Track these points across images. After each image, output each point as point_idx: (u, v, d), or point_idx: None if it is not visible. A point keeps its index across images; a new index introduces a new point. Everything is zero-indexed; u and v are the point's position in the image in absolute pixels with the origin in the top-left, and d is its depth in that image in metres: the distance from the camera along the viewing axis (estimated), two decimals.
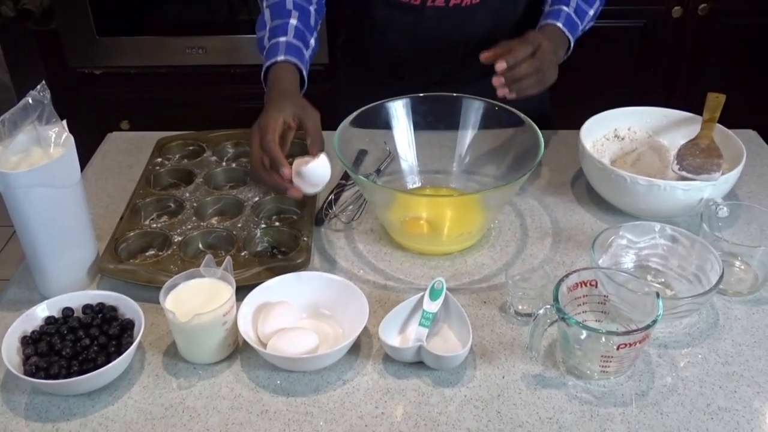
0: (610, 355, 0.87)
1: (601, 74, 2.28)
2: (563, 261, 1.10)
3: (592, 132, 1.25)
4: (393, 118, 1.22)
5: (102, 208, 1.23)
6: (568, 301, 0.92)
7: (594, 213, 1.20)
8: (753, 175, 1.29)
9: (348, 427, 0.84)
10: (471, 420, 0.85)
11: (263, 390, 0.89)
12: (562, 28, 1.25)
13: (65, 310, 0.95)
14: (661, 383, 0.90)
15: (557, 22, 1.25)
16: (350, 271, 1.09)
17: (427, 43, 1.34)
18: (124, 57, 2.28)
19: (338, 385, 0.90)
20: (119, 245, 1.08)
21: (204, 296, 0.92)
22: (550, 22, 1.25)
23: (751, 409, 0.86)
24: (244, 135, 1.35)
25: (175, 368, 0.93)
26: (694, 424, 0.84)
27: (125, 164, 1.35)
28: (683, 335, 0.96)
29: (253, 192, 1.20)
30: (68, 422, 0.86)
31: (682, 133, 1.25)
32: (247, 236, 1.10)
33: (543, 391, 0.89)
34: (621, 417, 0.85)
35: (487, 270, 1.09)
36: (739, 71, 2.30)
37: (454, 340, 0.95)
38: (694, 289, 0.99)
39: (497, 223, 1.18)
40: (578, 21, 1.28)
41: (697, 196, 1.10)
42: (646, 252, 1.06)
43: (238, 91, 2.30)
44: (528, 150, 1.11)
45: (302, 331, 0.93)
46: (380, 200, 1.14)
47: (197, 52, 2.26)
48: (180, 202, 1.18)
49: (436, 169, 1.25)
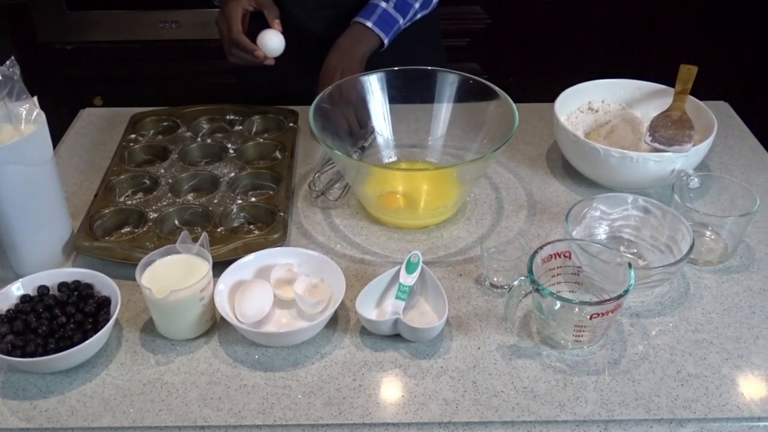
0: (584, 325, 0.88)
1: (575, 46, 2.28)
2: (538, 233, 1.11)
3: (566, 105, 1.26)
4: (368, 92, 1.22)
5: (76, 185, 1.22)
6: (543, 272, 0.93)
7: (568, 185, 1.22)
8: (724, 146, 1.31)
9: (326, 400, 0.85)
10: (447, 390, 0.86)
11: (241, 365, 0.90)
12: (371, 27, 1.29)
13: (41, 288, 0.95)
14: (633, 351, 0.91)
15: (367, 21, 1.29)
16: (327, 245, 1.09)
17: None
18: (95, 32, 2.25)
19: (316, 359, 0.91)
20: (94, 222, 1.08)
21: (180, 272, 0.92)
22: (359, 21, 1.29)
23: (720, 375, 0.88)
24: (219, 110, 1.34)
25: (153, 344, 0.93)
26: (665, 391, 0.86)
27: (99, 141, 1.34)
28: (655, 304, 0.98)
29: (228, 168, 1.20)
30: (46, 400, 0.86)
31: (654, 105, 1.27)
32: (224, 212, 1.10)
33: (518, 361, 0.90)
34: (594, 385, 0.87)
35: (462, 243, 1.10)
36: (711, 43, 2.32)
37: (430, 312, 0.96)
38: (665, 259, 1.01)
39: (473, 197, 1.19)
40: (398, 16, 1.30)
41: (669, 167, 1.11)
42: (618, 223, 1.07)
43: (213, 65, 2.27)
44: (503, 123, 1.11)
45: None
46: (356, 175, 1.14)
47: (170, 26, 2.23)
48: (155, 178, 1.17)
49: (411, 143, 1.26)
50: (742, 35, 2.32)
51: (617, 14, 2.28)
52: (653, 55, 2.35)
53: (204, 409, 0.84)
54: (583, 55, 2.29)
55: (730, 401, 0.85)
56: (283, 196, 1.13)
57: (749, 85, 2.41)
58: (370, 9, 1.30)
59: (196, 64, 2.29)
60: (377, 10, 1.29)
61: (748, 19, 2.30)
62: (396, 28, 1.31)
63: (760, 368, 0.89)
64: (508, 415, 0.83)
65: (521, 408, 0.84)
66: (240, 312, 0.92)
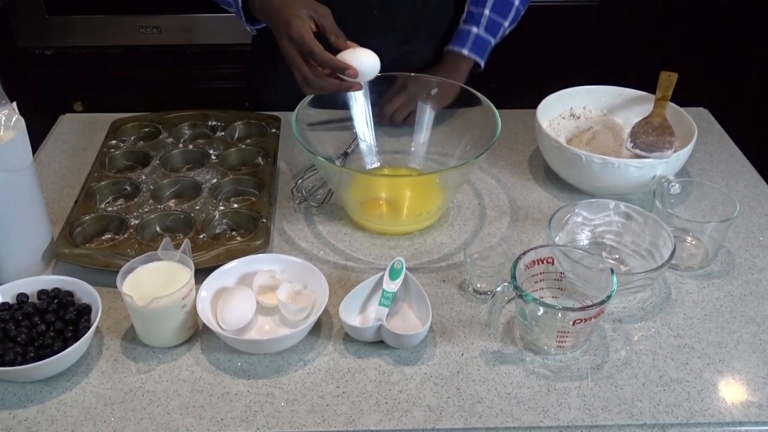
0: (567, 331, 0.88)
1: (557, 53, 2.29)
2: (521, 239, 1.12)
3: (548, 111, 1.27)
4: (351, 98, 1.22)
5: (56, 192, 1.21)
6: (526, 278, 0.93)
7: (550, 191, 1.22)
8: (704, 153, 1.32)
9: (309, 407, 0.85)
10: (431, 397, 0.86)
11: (224, 372, 0.89)
12: (467, 55, 1.31)
13: (20, 296, 0.93)
14: (615, 357, 0.92)
15: (463, 49, 1.31)
16: (310, 252, 1.09)
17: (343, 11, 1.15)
18: (76, 37, 2.23)
19: (299, 366, 0.90)
20: (74, 229, 1.07)
21: (162, 279, 0.91)
22: (454, 50, 1.31)
23: (702, 380, 0.89)
24: (201, 116, 1.33)
25: (134, 352, 0.92)
26: (647, 396, 0.87)
27: (79, 147, 1.33)
28: (637, 310, 0.99)
29: (211, 174, 1.19)
30: (25, 409, 0.85)
31: (636, 112, 1.28)
32: (206, 218, 1.10)
33: (501, 367, 0.90)
34: (577, 390, 0.87)
35: (445, 249, 1.10)
36: (691, 50, 2.34)
37: (413, 318, 0.96)
38: (647, 264, 1.02)
39: (456, 203, 1.19)
40: (490, 38, 1.32)
41: (650, 173, 1.12)
42: (601, 229, 1.08)
43: (194, 71, 2.27)
44: (485, 129, 1.12)
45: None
46: (339, 181, 1.14)
47: (152, 31, 2.22)
48: (136, 184, 1.16)
49: (394, 149, 1.26)
50: (721, 42, 2.35)
51: (598, 21, 2.30)
52: (634, 62, 2.37)
53: (186, 417, 0.84)
54: (564, 62, 2.31)
55: (711, 406, 0.85)
56: (265, 203, 1.13)
57: (728, 91, 2.44)
58: (462, 36, 1.32)
59: (178, 70, 2.28)
60: (470, 37, 1.30)
61: (727, 26, 2.32)
62: (489, 49, 1.33)
63: (741, 373, 0.90)
64: (492, 421, 0.83)
65: (505, 414, 0.84)
66: (222, 319, 0.92)
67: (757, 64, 2.40)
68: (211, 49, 2.24)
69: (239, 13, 1.17)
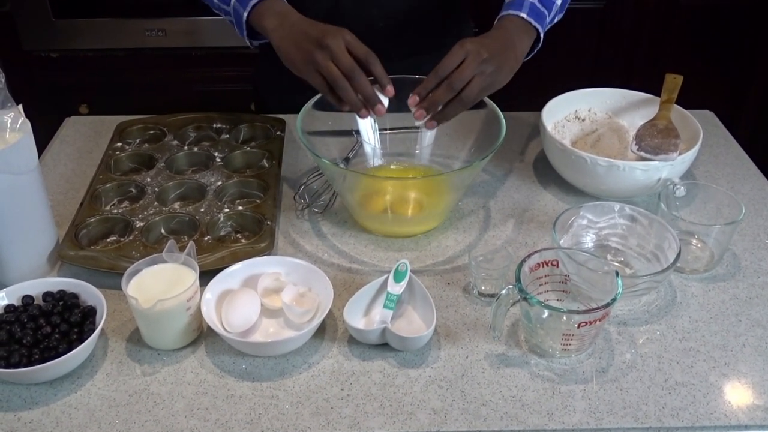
0: (571, 334, 0.88)
1: (562, 56, 2.29)
2: (525, 242, 1.11)
3: (553, 113, 1.27)
4: None
5: (61, 194, 1.21)
6: (530, 281, 0.93)
7: (555, 194, 1.22)
8: (709, 155, 1.32)
9: (314, 410, 0.85)
10: (436, 400, 0.86)
11: (228, 375, 0.89)
12: (526, 18, 1.11)
13: (25, 298, 0.94)
14: (620, 360, 0.92)
15: (520, 12, 1.12)
16: (314, 254, 1.09)
17: (349, 24, 1.09)
18: (81, 40, 2.24)
19: (304, 369, 0.90)
20: (80, 231, 1.07)
21: (167, 282, 0.91)
22: (512, 13, 1.12)
23: (707, 384, 0.88)
24: (206, 118, 1.34)
25: (139, 354, 0.92)
26: (653, 399, 0.86)
27: (84, 149, 1.33)
28: (642, 313, 0.99)
29: (215, 176, 1.19)
30: (30, 411, 0.85)
31: (641, 114, 1.27)
32: (210, 221, 1.10)
33: (506, 370, 0.90)
34: (582, 394, 0.87)
35: (450, 251, 1.09)
36: (696, 53, 2.34)
37: (418, 321, 0.96)
38: (652, 267, 1.01)
39: (460, 205, 1.19)
40: (544, 10, 1.15)
41: (655, 176, 1.12)
42: (605, 231, 1.07)
43: (199, 74, 2.27)
44: (490, 131, 1.11)
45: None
46: (344, 183, 1.14)
47: (157, 34, 2.23)
48: (141, 187, 1.17)
49: (399, 151, 1.26)
50: (726, 45, 2.34)
51: (603, 24, 2.30)
52: (639, 65, 2.36)
53: (191, 419, 0.84)
54: (569, 64, 2.31)
55: (717, 409, 0.85)
56: (270, 205, 1.13)
57: (734, 93, 2.43)
58: (516, 2, 1.13)
59: (183, 73, 2.29)
60: (525, 2, 1.12)
61: (732, 28, 2.32)
62: (546, 23, 1.15)
63: (746, 376, 0.90)
64: (497, 424, 0.83)
65: (509, 417, 0.84)
66: (227, 321, 0.92)
67: (762, 67, 2.39)
68: (216, 52, 2.25)
69: (240, 26, 1.15)
